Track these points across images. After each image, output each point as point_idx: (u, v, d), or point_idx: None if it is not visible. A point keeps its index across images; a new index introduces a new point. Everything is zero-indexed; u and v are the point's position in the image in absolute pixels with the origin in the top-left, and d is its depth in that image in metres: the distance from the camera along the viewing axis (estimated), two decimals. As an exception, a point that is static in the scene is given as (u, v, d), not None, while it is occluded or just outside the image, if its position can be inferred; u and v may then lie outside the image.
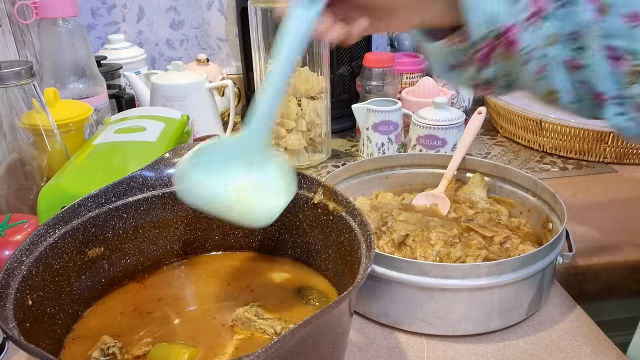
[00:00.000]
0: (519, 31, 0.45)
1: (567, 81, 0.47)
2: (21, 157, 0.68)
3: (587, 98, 0.48)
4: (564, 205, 0.60)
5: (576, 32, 0.45)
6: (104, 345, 0.46)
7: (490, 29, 0.46)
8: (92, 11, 1.22)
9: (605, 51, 0.45)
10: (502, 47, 0.47)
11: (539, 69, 0.47)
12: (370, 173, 0.75)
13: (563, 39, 0.46)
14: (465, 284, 0.52)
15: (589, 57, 0.45)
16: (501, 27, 0.46)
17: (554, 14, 0.45)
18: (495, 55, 0.48)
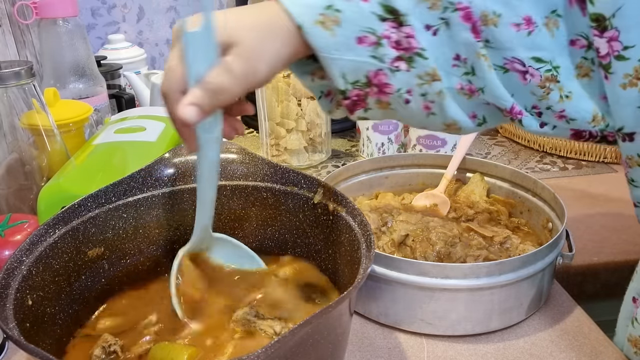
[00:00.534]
0: (388, 74, 0.43)
1: (467, 108, 0.46)
2: (21, 157, 0.68)
3: (497, 116, 0.47)
4: (564, 205, 0.60)
5: (457, 56, 0.43)
6: (105, 343, 0.46)
7: (355, 79, 0.43)
8: (92, 11, 1.22)
9: (504, 66, 0.43)
10: (375, 92, 0.44)
11: (425, 106, 0.45)
12: (370, 173, 0.75)
13: (446, 69, 0.44)
14: (465, 284, 0.52)
15: (481, 79, 0.44)
16: (367, 74, 0.43)
17: (425, 48, 0.42)
18: (370, 101, 0.45)
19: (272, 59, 0.41)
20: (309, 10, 0.41)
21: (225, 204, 0.58)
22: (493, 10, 0.41)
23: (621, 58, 0.41)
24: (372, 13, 0.41)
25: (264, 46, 0.41)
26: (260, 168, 0.57)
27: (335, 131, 1.07)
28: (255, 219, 0.58)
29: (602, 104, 0.44)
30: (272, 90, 0.90)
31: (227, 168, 0.58)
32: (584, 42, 0.43)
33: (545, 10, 0.42)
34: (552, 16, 0.43)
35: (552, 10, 0.42)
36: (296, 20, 0.40)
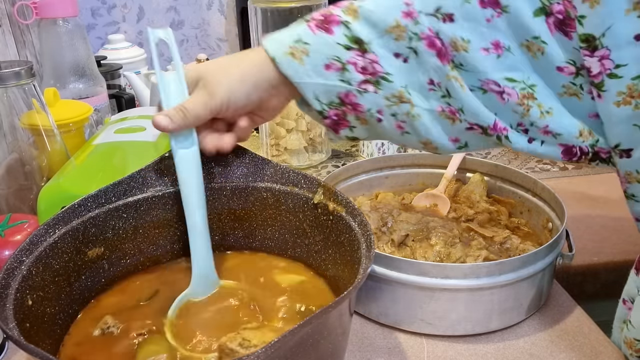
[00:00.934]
0: (357, 95, 0.48)
1: (450, 132, 0.49)
2: (21, 157, 0.68)
3: (481, 140, 0.49)
4: (564, 205, 0.60)
5: (431, 80, 0.47)
6: (104, 325, 0.48)
7: (329, 100, 0.49)
8: (92, 11, 1.22)
9: (482, 87, 0.46)
10: (351, 110, 0.49)
11: (397, 125, 0.49)
12: (370, 173, 0.75)
13: (424, 93, 0.47)
14: (465, 284, 0.52)
15: (457, 100, 0.47)
16: (338, 95, 0.49)
17: (391, 73, 0.47)
18: (350, 118, 0.50)
19: (233, 84, 0.49)
20: (280, 45, 0.48)
21: (225, 204, 0.58)
22: (462, 36, 0.45)
23: (614, 76, 0.42)
24: (338, 44, 0.47)
25: (226, 74, 0.49)
26: (260, 168, 0.57)
27: (335, 131, 1.07)
28: (255, 219, 0.58)
29: (590, 121, 0.45)
30: (272, 90, 0.90)
31: (227, 168, 0.58)
32: (572, 69, 0.44)
33: (520, 37, 0.44)
34: (535, 41, 0.44)
35: (533, 36, 0.44)
36: (270, 53, 0.48)
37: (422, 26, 0.46)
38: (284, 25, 0.50)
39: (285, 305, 0.51)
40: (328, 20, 0.48)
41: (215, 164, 0.58)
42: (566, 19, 0.42)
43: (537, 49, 0.44)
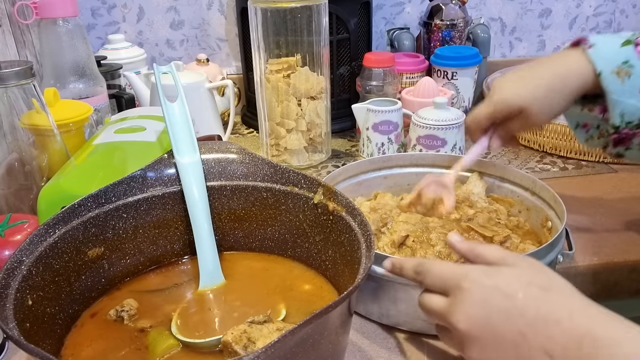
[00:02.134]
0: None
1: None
2: (21, 157, 0.68)
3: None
4: (563, 204, 0.60)
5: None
6: (120, 307, 0.51)
7: (630, 120, 0.54)
8: (92, 11, 1.22)
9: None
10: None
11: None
12: (369, 173, 0.75)
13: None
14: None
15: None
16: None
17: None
18: (635, 141, 0.56)
19: (553, 100, 0.57)
20: (609, 62, 0.54)
21: (225, 204, 0.58)
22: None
23: None
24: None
25: (549, 100, 0.57)
26: (260, 168, 0.57)
27: (335, 131, 1.07)
28: (255, 219, 0.58)
29: None
30: (272, 90, 0.90)
31: (227, 168, 0.58)
32: None
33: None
34: None
35: None
36: (597, 67, 0.54)
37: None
38: (284, 25, 0.50)
39: (286, 303, 0.51)
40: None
41: (215, 164, 0.58)
42: None
43: None
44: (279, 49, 0.90)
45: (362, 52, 1.08)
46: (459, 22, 1.14)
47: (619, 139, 0.57)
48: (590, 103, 0.58)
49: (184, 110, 0.58)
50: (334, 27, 1.03)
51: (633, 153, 0.58)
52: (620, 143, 0.57)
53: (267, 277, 0.56)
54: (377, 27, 1.29)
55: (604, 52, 0.54)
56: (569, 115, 0.62)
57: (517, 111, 0.58)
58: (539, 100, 0.56)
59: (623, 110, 0.54)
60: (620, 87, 0.53)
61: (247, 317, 0.44)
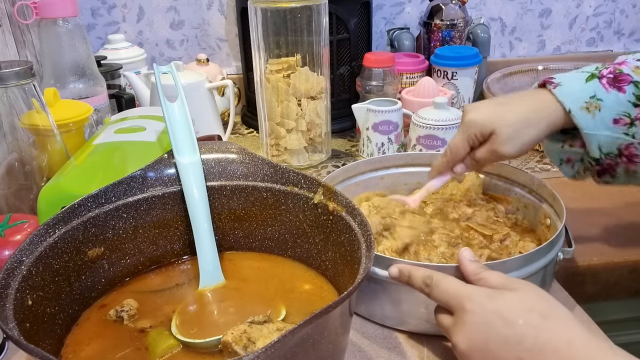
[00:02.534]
0: (637, 149, 0.54)
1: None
2: (21, 157, 0.68)
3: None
4: (562, 202, 0.60)
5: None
6: (120, 307, 0.50)
7: (609, 151, 0.55)
8: (92, 11, 1.22)
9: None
10: (624, 162, 0.55)
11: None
12: (366, 174, 0.75)
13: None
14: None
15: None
16: (619, 148, 0.54)
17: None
18: (619, 168, 0.56)
19: (526, 135, 0.56)
20: (577, 99, 0.54)
21: (225, 204, 0.58)
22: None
23: None
24: (628, 101, 0.53)
25: (520, 128, 0.56)
26: (260, 168, 0.57)
27: (335, 131, 1.07)
28: (255, 219, 0.58)
29: None
30: (272, 90, 0.90)
31: (227, 168, 0.58)
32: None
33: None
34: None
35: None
36: (566, 105, 0.54)
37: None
38: (284, 25, 0.50)
39: (286, 303, 0.51)
40: (619, 79, 0.54)
41: (215, 164, 0.58)
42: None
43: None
44: (279, 49, 0.90)
45: (362, 52, 1.08)
46: (459, 22, 1.14)
47: (602, 170, 0.57)
48: (570, 138, 0.58)
49: (184, 110, 0.58)
50: (334, 27, 1.03)
51: (620, 180, 0.58)
52: (604, 173, 0.58)
53: (267, 277, 0.56)
54: (377, 27, 1.29)
55: (570, 89, 0.55)
56: (552, 153, 0.61)
57: (488, 134, 0.57)
58: (511, 127, 0.56)
59: (600, 143, 0.55)
60: (592, 122, 0.54)
61: (247, 317, 0.44)
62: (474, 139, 0.58)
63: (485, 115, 0.57)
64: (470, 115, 0.58)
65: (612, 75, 0.54)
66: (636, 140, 0.54)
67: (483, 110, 0.58)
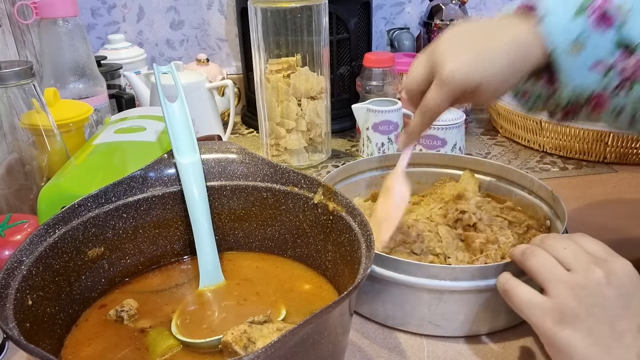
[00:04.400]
0: (608, 97, 0.49)
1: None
2: (21, 157, 0.68)
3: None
4: (564, 205, 0.60)
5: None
6: (120, 307, 0.50)
7: (578, 95, 0.50)
8: (92, 11, 1.22)
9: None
10: (589, 108, 0.51)
11: (630, 121, 0.51)
12: (366, 173, 0.75)
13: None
14: (474, 286, 0.52)
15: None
16: (590, 95, 0.50)
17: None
18: (582, 113, 0.52)
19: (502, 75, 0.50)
20: (562, 39, 0.48)
21: (225, 204, 0.58)
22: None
23: None
24: (609, 44, 0.47)
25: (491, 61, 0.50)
26: (260, 168, 0.57)
27: (335, 131, 1.07)
28: (255, 219, 0.58)
29: None
30: (272, 90, 0.90)
31: (227, 168, 0.58)
32: None
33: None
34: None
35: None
36: (551, 44, 0.48)
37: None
38: (284, 25, 0.50)
39: (286, 303, 0.51)
40: (605, 18, 0.47)
41: (215, 164, 0.58)
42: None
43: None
44: (279, 49, 0.90)
45: (362, 52, 1.08)
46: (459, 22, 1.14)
47: (565, 114, 0.53)
48: (537, 73, 0.51)
49: (184, 110, 0.58)
50: (334, 27, 1.03)
51: (579, 121, 0.54)
52: (567, 115, 0.53)
53: (267, 277, 0.56)
54: (377, 27, 1.29)
55: (557, 25, 0.48)
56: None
57: (471, 90, 0.50)
58: (496, 81, 0.50)
59: (573, 89, 0.50)
60: (572, 64, 0.48)
61: (247, 317, 0.44)
62: (457, 95, 0.51)
63: (467, 69, 0.49)
64: (450, 67, 0.49)
65: (600, 11, 0.47)
66: (608, 90, 0.49)
67: (464, 58, 0.50)
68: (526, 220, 0.65)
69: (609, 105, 0.50)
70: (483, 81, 0.49)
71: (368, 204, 0.72)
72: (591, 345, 0.41)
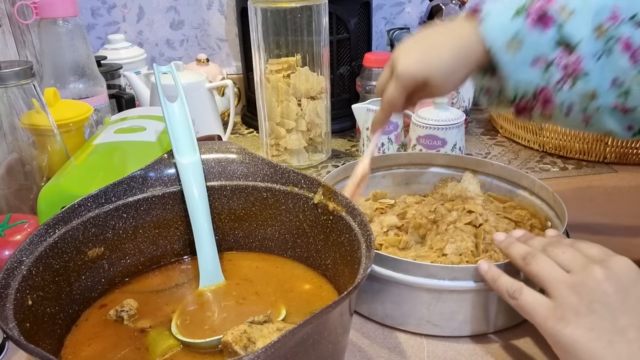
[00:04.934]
0: (552, 92, 0.52)
1: (621, 122, 0.53)
2: (21, 157, 0.68)
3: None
4: (563, 204, 0.60)
5: (615, 79, 0.50)
6: (120, 307, 0.50)
7: (524, 90, 0.53)
8: (92, 11, 1.22)
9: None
10: (539, 106, 0.53)
11: (584, 118, 0.53)
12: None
13: (605, 89, 0.50)
14: (473, 286, 0.52)
15: (634, 100, 0.50)
16: (535, 89, 0.52)
17: (588, 72, 0.50)
18: (535, 112, 0.55)
19: (449, 71, 0.55)
20: (499, 37, 0.52)
21: (225, 204, 0.58)
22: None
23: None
24: (549, 42, 0.50)
25: (439, 59, 0.55)
26: (260, 168, 0.57)
27: (335, 131, 1.07)
28: (255, 219, 0.58)
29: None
30: (272, 90, 0.90)
31: (227, 168, 0.58)
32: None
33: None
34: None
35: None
36: (487, 42, 0.52)
37: (622, 30, 0.49)
38: (284, 25, 0.50)
39: (286, 303, 0.51)
40: (545, 19, 0.51)
41: (215, 164, 0.58)
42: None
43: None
44: (279, 49, 0.90)
45: (362, 52, 1.08)
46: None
47: (518, 110, 0.56)
48: (491, 69, 0.56)
49: (184, 110, 0.58)
50: (334, 27, 1.03)
51: (537, 120, 0.57)
52: (522, 112, 0.56)
53: (267, 277, 0.56)
54: (377, 27, 1.29)
55: (495, 25, 0.52)
56: (474, 80, 0.60)
57: (422, 83, 0.55)
58: (442, 74, 0.55)
59: (516, 85, 0.53)
60: (512, 61, 0.52)
61: (247, 317, 0.44)
62: (409, 89, 0.56)
63: (417, 64, 0.55)
64: (402, 64, 0.56)
65: (538, 13, 0.51)
66: (551, 84, 0.52)
67: (413, 57, 0.56)
68: (530, 219, 0.65)
69: (556, 100, 0.52)
70: (430, 75, 0.54)
71: (369, 203, 0.72)
72: (594, 341, 0.41)
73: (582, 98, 0.51)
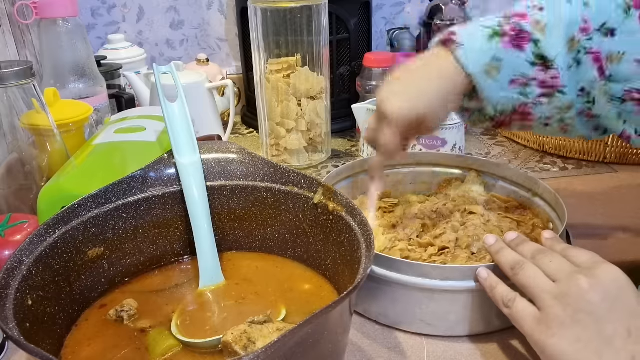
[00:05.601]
0: (531, 107, 0.53)
1: (588, 127, 0.55)
2: (21, 157, 0.68)
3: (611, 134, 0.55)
4: (565, 207, 0.60)
5: (583, 88, 0.52)
6: (120, 307, 0.50)
7: (503, 110, 0.54)
8: (92, 11, 1.22)
9: (622, 97, 0.50)
10: (519, 118, 0.55)
11: (562, 128, 0.55)
12: (366, 173, 0.75)
13: (574, 97, 0.52)
14: (466, 286, 0.52)
15: (600, 109, 0.52)
16: (514, 106, 0.54)
17: (565, 85, 0.51)
18: (514, 125, 0.56)
19: (437, 108, 0.55)
20: (478, 63, 0.52)
21: (225, 204, 0.58)
22: (618, 50, 0.49)
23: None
24: (526, 61, 0.51)
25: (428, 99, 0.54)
26: (260, 168, 0.57)
27: (335, 131, 1.07)
28: (255, 219, 0.58)
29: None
30: (272, 90, 0.90)
31: (227, 168, 0.58)
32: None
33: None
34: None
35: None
36: (469, 70, 0.52)
37: (592, 41, 0.50)
38: (284, 25, 0.50)
39: (286, 303, 0.51)
40: (520, 37, 0.51)
41: (215, 164, 0.58)
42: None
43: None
44: (279, 49, 0.90)
45: (362, 52, 1.08)
46: (459, 22, 1.14)
47: (498, 124, 0.57)
48: (469, 93, 0.56)
49: (184, 110, 0.58)
50: (334, 27, 1.03)
51: (515, 129, 0.58)
52: (501, 126, 0.57)
53: (267, 277, 0.56)
54: (377, 27, 1.29)
55: (472, 51, 0.52)
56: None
57: (415, 122, 0.55)
58: (434, 108, 0.54)
59: (496, 104, 0.54)
60: (491, 84, 0.52)
61: (247, 317, 0.44)
62: (404, 130, 0.55)
63: (407, 104, 0.54)
64: (392, 107, 0.54)
65: (513, 32, 0.52)
66: (530, 100, 0.52)
67: (401, 98, 0.54)
68: (532, 219, 0.65)
69: (535, 114, 0.54)
70: (423, 113, 0.54)
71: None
72: (580, 351, 0.41)
73: (559, 110, 0.53)
